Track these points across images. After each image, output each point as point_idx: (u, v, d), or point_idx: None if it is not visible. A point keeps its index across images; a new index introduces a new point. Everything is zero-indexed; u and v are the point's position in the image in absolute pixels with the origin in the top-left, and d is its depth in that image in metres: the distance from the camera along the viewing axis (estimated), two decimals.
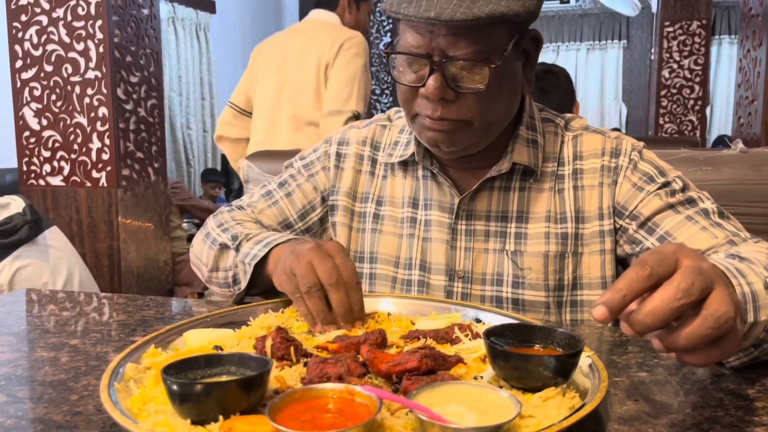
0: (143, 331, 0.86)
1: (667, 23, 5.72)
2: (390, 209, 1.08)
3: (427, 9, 0.84)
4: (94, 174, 3.03)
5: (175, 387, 0.56)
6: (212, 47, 5.99)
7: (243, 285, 0.98)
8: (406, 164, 1.08)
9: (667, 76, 5.71)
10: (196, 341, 0.76)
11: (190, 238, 3.91)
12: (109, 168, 3.00)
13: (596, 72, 7.81)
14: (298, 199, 1.12)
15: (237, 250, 1.00)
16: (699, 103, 5.69)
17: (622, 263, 1.02)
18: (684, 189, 0.99)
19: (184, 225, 4.06)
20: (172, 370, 0.59)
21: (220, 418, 0.55)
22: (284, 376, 0.66)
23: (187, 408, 0.56)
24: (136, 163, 3.13)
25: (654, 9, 6.48)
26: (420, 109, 0.93)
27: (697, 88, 5.67)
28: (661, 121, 5.73)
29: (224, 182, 5.66)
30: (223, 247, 1.03)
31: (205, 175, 5.51)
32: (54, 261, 2.27)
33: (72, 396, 0.65)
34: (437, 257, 1.03)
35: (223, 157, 6.28)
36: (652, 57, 6.18)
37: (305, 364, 0.69)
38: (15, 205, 2.18)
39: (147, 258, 3.22)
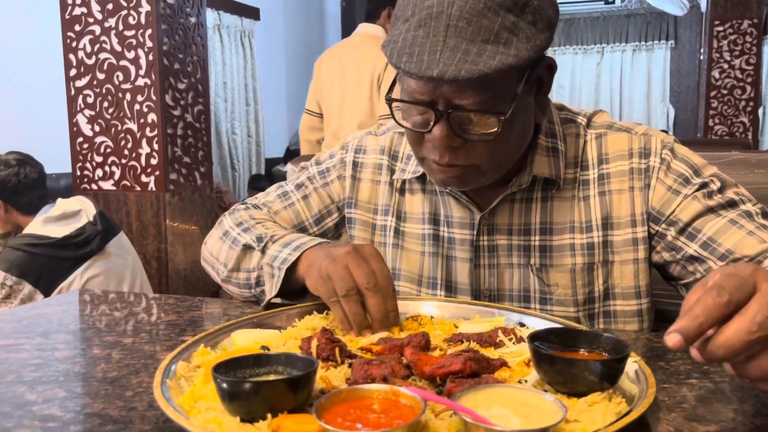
0: (192, 331, 0.89)
1: (716, 23, 5.57)
2: (410, 225, 1.05)
3: (429, 67, 0.78)
4: (143, 178, 3.12)
5: (225, 385, 0.57)
6: (256, 54, 6.09)
7: (271, 289, 0.95)
8: (423, 177, 1.04)
9: (717, 76, 5.55)
10: (244, 341, 0.78)
11: None
12: (157, 172, 3.09)
13: (642, 73, 7.64)
14: (314, 203, 1.11)
15: (263, 252, 0.98)
16: (751, 104, 5.51)
17: (658, 268, 0.98)
18: (722, 189, 0.93)
19: None
20: (221, 369, 0.60)
21: (269, 416, 0.56)
22: (329, 376, 0.67)
23: (237, 406, 0.57)
24: (183, 168, 3.20)
25: (703, 8, 6.31)
26: (427, 154, 0.89)
27: (748, 88, 5.50)
28: (710, 123, 5.57)
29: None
30: (247, 247, 1.00)
31: (252, 182, 5.60)
32: (120, 269, 2.34)
33: (126, 392, 0.67)
34: (461, 277, 1.01)
35: (267, 161, 6.38)
36: (702, 57, 6.03)
37: (350, 365, 0.70)
38: (86, 212, 2.24)
39: (193, 260, 3.29)
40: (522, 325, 0.85)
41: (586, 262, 0.96)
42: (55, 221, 2.20)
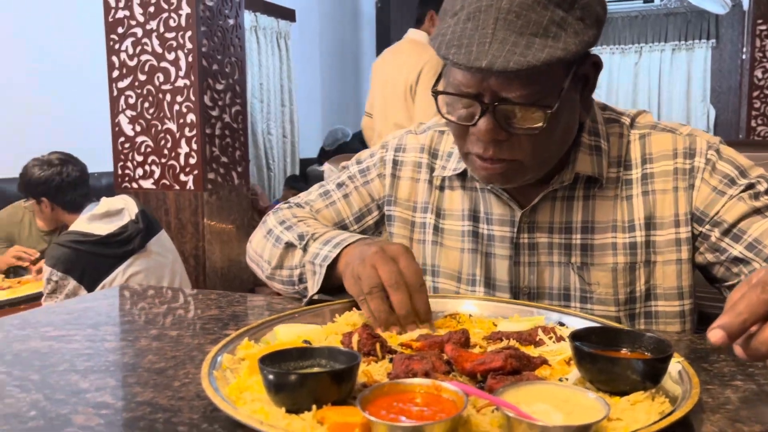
0: (235, 325, 0.91)
1: (759, 21, 5.43)
2: (450, 222, 1.06)
3: (478, 58, 0.78)
4: (182, 177, 3.18)
5: (271, 377, 0.59)
6: (292, 55, 6.15)
7: (313, 286, 0.97)
8: (463, 174, 1.04)
9: (760, 76, 5.41)
10: (286, 335, 0.79)
11: None
12: (196, 172, 3.14)
13: (682, 73, 7.49)
14: (355, 202, 1.12)
15: (304, 249, 1.00)
16: None
17: (701, 270, 0.97)
18: None
19: None
20: (267, 361, 0.62)
21: (313, 407, 0.58)
22: (371, 371, 0.68)
23: (282, 397, 0.59)
24: (221, 168, 3.25)
25: (745, 6, 6.16)
26: (471, 148, 0.89)
27: None
28: (753, 124, 5.43)
29: (306, 187, 5.80)
30: (289, 245, 1.03)
31: (289, 182, 5.66)
32: (161, 266, 2.39)
33: (174, 383, 0.69)
34: (501, 274, 1.01)
35: (302, 162, 6.44)
36: (744, 57, 5.88)
37: (390, 361, 0.71)
38: (128, 210, 2.30)
39: (230, 258, 3.34)
40: (561, 324, 0.84)
41: (628, 261, 0.95)
42: (99, 219, 2.26)
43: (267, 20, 5.76)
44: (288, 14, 6.09)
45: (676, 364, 0.66)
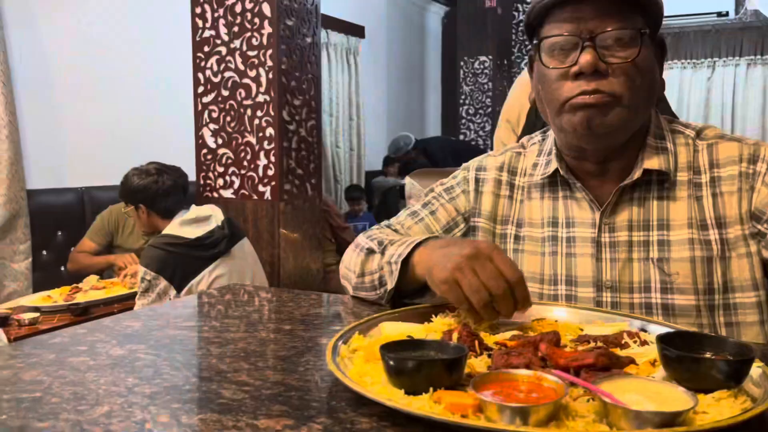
0: (339, 322, 1.01)
1: None
2: (529, 230, 1.14)
3: None
4: (260, 188, 3.34)
5: (392, 362, 0.68)
6: (360, 70, 6.32)
7: (390, 285, 1.03)
8: (543, 187, 1.14)
9: None
10: (391, 331, 0.88)
11: (339, 251, 4.17)
12: (273, 183, 3.30)
13: (758, 88, 7.28)
14: (442, 216, 1.20)
15: (383, 253, 1.07)
16: None
17: (763, 267, 1.03)
18: None
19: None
20: (386, 350, 0.71)
21: (431, 390, 0.66)
22: (473, 363, 0.76)
23: (402, 380, 0.68)
24: (296, 179, 3.41)
25: None
26: (570, 92, 1.00)
27: None
28: None
29: (365, 198, 5.94)
30: (370, 251, 1.10)
31: (348, 192, 5.82)
32: (243, 271, 2.54)
33: (298, 368, 0.79)
34: (583, 270, 1.08)
35: (367, 174, 6.58)
36: None
37: (489, 356, 0.79)
38: (215, 218, 2.46)
39: (302, 267, 3.49)
40: (644, 330, 0.90)
41: (704, 255, 1.02)
42: (189, 224, 2.43)
43: (338, 37, 5.96)
44: (358, 31, 6.27)
45: (757, 369, 0.72)
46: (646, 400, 0.62)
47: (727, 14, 7.20)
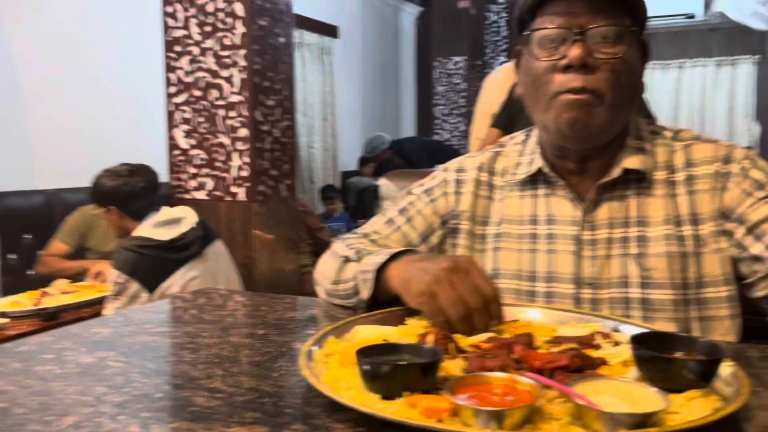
0: (314, 326, 1.00)
1: None
2: (508, 227, 1.14)
3: None
4: (233, 189, 3.31)
5: (368, 366, 0.67)
6: (335, 70, 6.30)
7: (364, 294, 1.03)
8: (523, 185, 1.15)
9: None
10: (366, 335, 0.88)
11: (315, 252, 4.15)
12: (247, 184, 3.27)
13: (725, 89, 7.43)
14: (418, 223, 1.20)
15: (359, 262, 1.07)
16: None
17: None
18: None
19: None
20: (360, 354, 0.70)
21: (406, 394, 0.66)
22: (448, 367, 0.76)
23: (377, 385, 0.67)
24: (271, 180, 3.38)
25: None
26: (559, 87, 1.01)
27: None
28: None
29: (341, 198, 5.93)
30: (346, 260, 1.11)
31: (324, 192, 5.80)
32: (217, 273, 2.51)
33: (272, 373, 0.79)
34: (564, 267, 1.09)
35: (343, 174, 6.57)
36: None
37: (464, 359, 0.79)
38: (188, 219, 2.43)
39: (276, 268, 3.46)
40: (616, 331, 0.91)
41: (679, 251, 1.05)
42: (161, 226, 2.39)
43: (311, 37, 5.93)
44: (331, 31, 6.25)
45: (728, 368, 0.73)
46: (619, 401, 0.63)
47: (694, 16, 7.34)
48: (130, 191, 2.49)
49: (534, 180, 1.14)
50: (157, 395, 0.72)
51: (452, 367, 0.77)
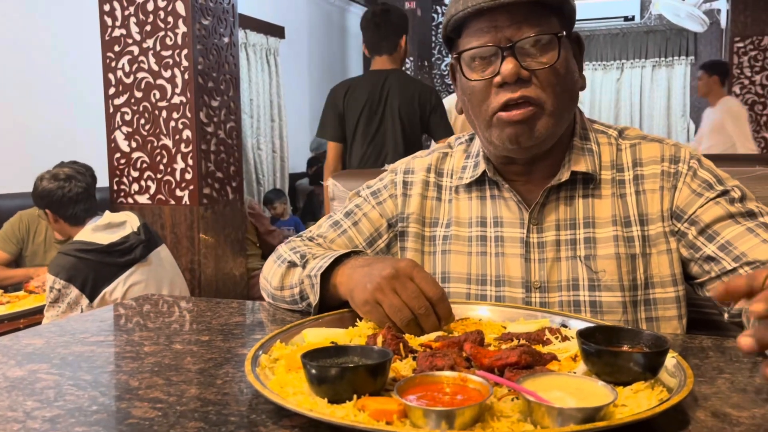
0: (261, 330, 0.97)
1: (737, 39, 5.62)
2: (457, 229, 1.13)
3: None
4: (178, 192, 3.23)
5: (314, 370, 0.65)
6: (281, 71, 6.23)
7: (312, 298, 1.02)
8: (470, 187, 1.14)
9: (737, 92, 5.59)
10: (314, 338, 0.86)
11: (264, 255, 4.09)
12: (191, 187, 3.20)
13: (662, 89, 7.69)
14: (365, 227, 1.18)
15: (304, 267, 1.05)
16: None
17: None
18: (743, 199, 1.03)
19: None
20: (307, 358, 0.68)
21: (354, 397, 0.64)
22: (397, 367, 0.75)
23: (325, 388, 0.65)
24: (216, 182, 3.31)
25: (723, 24, 6.36)
26: (497, 104, 1.00)
27: None
28: None
29: (284, 200, 5.84)
30: (291, 264, 1.09)
31: (267, 196, 5.68)
32: (161, 278, 2.43)
33: (217, 381, 0.76)
34: (513, 271, 1.08)
35: (291, 176, 6.50)
36: None
37: (414, 359, 0.77)
38: (130, 223, 2.35)
39: (224, 272, 3.39)
40: (564, 326, 0.92)
41: (628, 252, 1.05)
42: (102, 230, 2.31)
43: (257, 37, 5.85)
44: (277, 31, 6.18)
45: (671, 359, 0.74)
46: (569, 396, 0.63)
47: (633, 18, 7.58)
48: (63, 196, 2.39)
49: (482, 181, 1.13)
50: (91, 408, 0.68)
51: (402, 367, 0.75)
